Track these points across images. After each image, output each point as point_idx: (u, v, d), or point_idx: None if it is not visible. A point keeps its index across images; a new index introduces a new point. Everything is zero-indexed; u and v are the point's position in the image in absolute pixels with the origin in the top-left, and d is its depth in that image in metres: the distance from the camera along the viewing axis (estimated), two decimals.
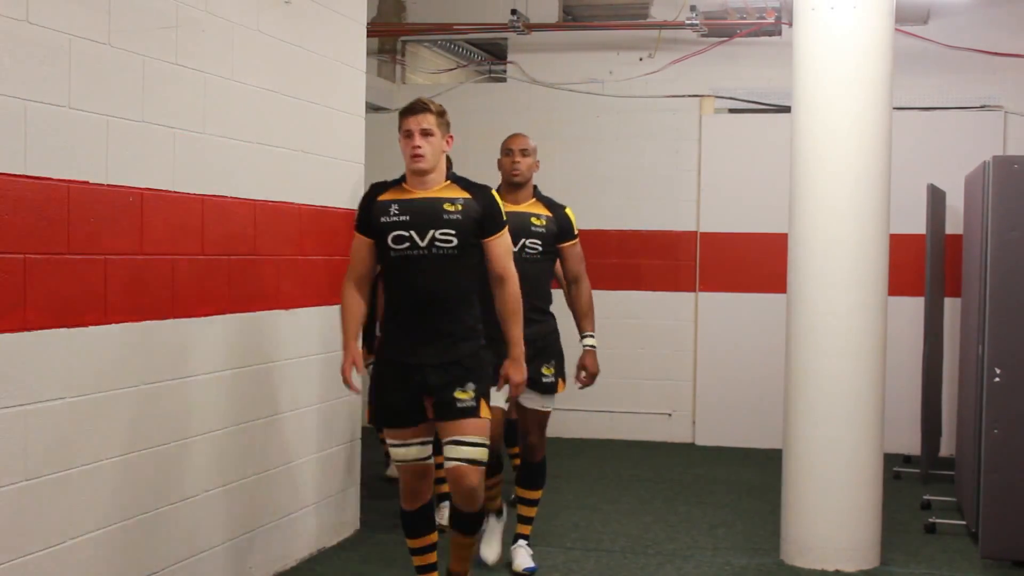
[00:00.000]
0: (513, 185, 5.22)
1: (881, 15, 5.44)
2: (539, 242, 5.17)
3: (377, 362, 4.33)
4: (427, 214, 4.19)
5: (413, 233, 4.17)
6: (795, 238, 5.58)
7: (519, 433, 5.39)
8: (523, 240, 5.10)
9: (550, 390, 5.31)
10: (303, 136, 5.31)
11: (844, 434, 5.43)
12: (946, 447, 7.99)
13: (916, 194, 7.57)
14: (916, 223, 7.68)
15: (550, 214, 5.23)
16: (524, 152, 5.19)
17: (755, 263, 8.58)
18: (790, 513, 5.58)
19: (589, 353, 5.38)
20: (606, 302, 8.90)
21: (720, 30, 8.54)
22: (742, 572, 5.45)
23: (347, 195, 5.71)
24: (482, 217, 4.25)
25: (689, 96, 8.81)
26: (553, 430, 8.85)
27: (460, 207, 4.22)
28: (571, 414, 8.95)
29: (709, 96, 8.82)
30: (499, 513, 5.47)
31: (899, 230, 6.56)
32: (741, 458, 8.24)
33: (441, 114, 4.30)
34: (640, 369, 8.89)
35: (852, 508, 5.46)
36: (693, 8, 8.23)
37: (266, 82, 4.96)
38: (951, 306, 8.02)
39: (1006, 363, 5.49)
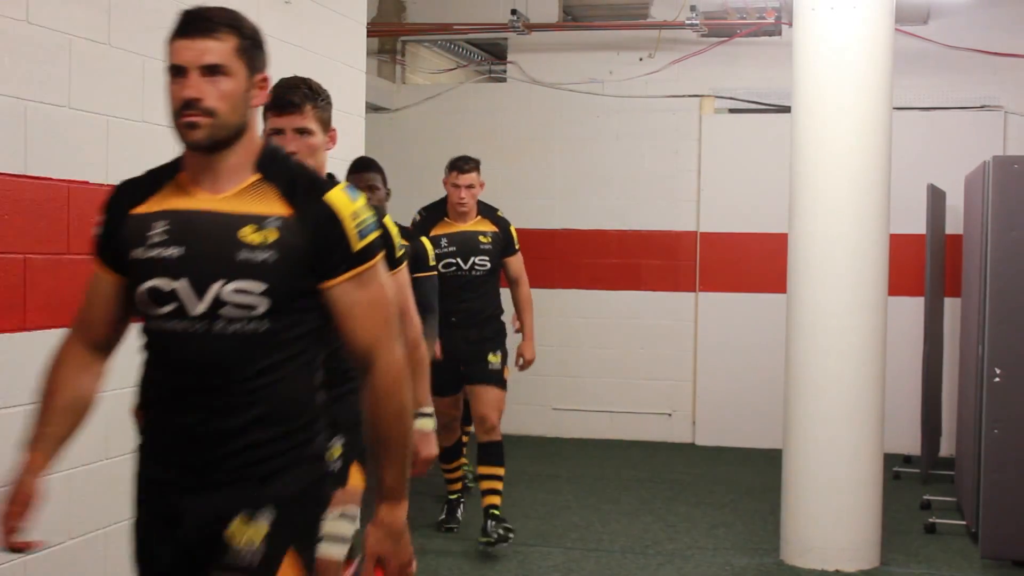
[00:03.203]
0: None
1: (881, 15, 5.45)
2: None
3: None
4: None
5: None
6: (795, 238, 5.58)
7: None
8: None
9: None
10: None
11: (844, 434, 5.44)
12: (946, 447, 7.99)
13: (916, 194, 7.57)
14: (916, 223, 7.68)
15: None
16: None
17: (755, 263, 8.57)
18: (790, 513, 5.58)
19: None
20: (606, 302, 8.92)
21: (720, 30, 8.53)
22: (742, 572, 5.46)
23: None
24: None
25: (689, 96, 8.80)
26: (553, 430, 8.91)
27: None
28: (571, 414, 8.96)
29: (709, 96, 8.82)
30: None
31: (899, 230, 6.56)
32: (741, 458, 8.24)
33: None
34: (640, 369, 8.88)
35: (852, 508, 5.46)
36: (693, 8, 8.23)
37: None
38: (951, 306, 8.02)
39: (1006, 363, 5.49)
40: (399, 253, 3.52)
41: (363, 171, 4.42)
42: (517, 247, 5.94)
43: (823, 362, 5.46)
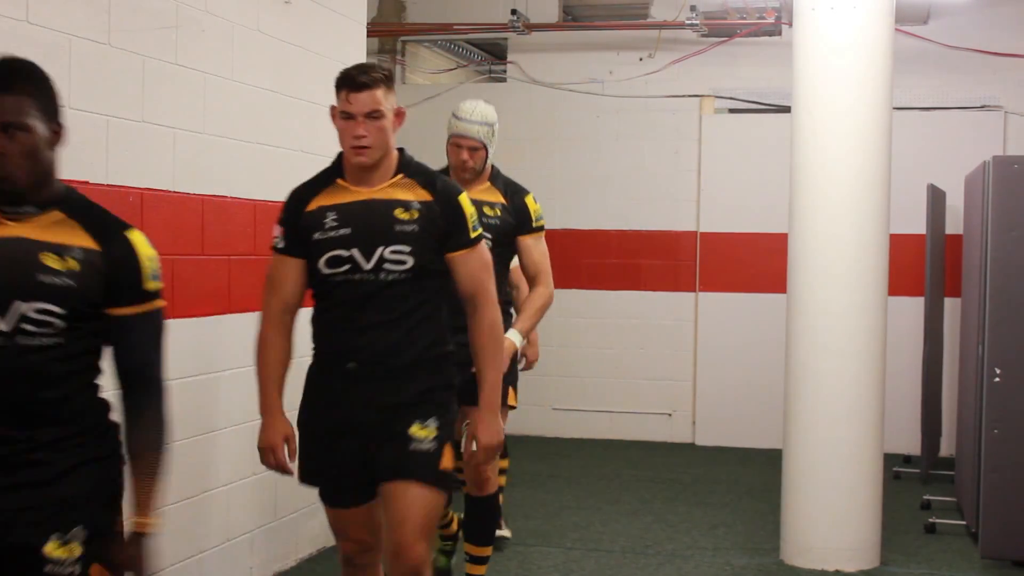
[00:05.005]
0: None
1: (881, 15, 5.44)
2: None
3: None
4: None
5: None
6: (795, 238, 5.58)
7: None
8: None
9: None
10: (303, 136, 5.31)
11: (844, 434, 5.43)
12: (946, 447, 7.99)
13: (916, 194, 7.57)
14: (916, 223, 7.68)
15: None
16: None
17: (755, 263, 8.57)
18: (790, 513, 5.58)
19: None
20: (606, 302, 8.92)
21: (720, 30, 8.54)
22: (742, 572, 5.46)
23: None
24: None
25: (689, 96, 8.80)
26: (553, 430, 8.91)
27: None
28: (571, 414, 8.95)
29: (709, 96, 8.82)
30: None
31: (899, 230, 6.55)
32: (741, 458, 8.24)
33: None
34: (640, 369, 8.88)
35: (852, 508, 5.46)
36: (693, 8, 8.23)
37: (266, 82, 4.96)
38: (951, 306, 8.02)
39: (1006, 363, 5.49)
40: None
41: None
42: (471, 234, 3.36)
43: (823, 362, 5.45)
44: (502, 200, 4.41)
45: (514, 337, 4.24)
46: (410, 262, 3.22)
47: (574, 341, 8.89)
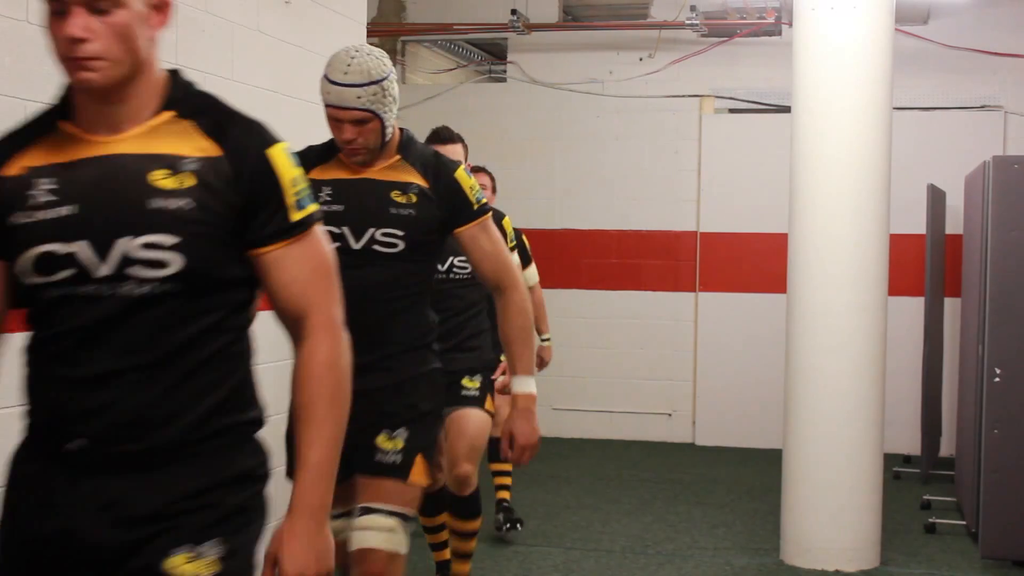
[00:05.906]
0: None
1: (881, 15, 5.45)
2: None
3: None
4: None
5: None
6: (795, 238, 5.58)
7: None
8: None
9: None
10: (303, 136, 5.29)
11: (844, 434, 5.44)
12: (946, 447, 7.99)
13: (916, 194, 7.57)
14: (916, 223, 7.68)
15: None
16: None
17: (755, 263, 8.58)
18: (790, 513, 5.58)
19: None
20: (606, 302, 8.92)
21: (720, 30, 8.54)
22: (742, 572, 5.46)
23: None
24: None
25: (689, 96, 8.81)
26: (553, 430, 8.90)
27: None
28: (571, 414, 8.96)
29: (709, 96, 8.82)
30: None
31: (899, 230, 6.56)
32: (741, 458, 8.24)
33: None
34: (640, 369, 8.89)
35: (852, 508, 5.46)
36: (693, 8, 8.23)
37: (266, 82, 4.95)
38: (951, 306, 8.02)
39: (1006, 363, 5.49)
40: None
41: None
42: (292, 215, 2.02)
43: (823, 362, 5.46)
44: (420, 181, 3.07)
45: (526, 387, 3.12)
46: (176, 263, 1.86)
47: (574, 341, 8.89)
